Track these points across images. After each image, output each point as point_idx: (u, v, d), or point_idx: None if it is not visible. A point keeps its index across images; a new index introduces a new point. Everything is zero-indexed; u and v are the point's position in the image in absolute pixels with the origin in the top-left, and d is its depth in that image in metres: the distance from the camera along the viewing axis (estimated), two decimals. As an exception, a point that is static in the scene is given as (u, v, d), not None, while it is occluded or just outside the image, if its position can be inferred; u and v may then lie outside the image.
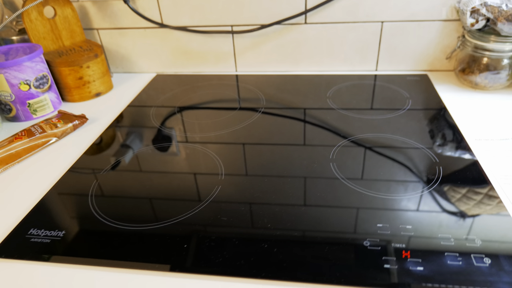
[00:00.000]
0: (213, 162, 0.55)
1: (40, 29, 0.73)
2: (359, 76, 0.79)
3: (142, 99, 0.75)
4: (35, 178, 0.55)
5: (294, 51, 0.80)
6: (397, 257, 0.39)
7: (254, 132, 0.62)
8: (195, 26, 0.80)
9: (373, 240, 0.41)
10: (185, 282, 0.38)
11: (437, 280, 0.36)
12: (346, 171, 0.51)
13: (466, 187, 0.47)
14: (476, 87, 0.71)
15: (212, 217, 0.45)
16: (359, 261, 0.38)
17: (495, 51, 0.66)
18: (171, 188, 0.50)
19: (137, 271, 0.39)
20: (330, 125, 0.62)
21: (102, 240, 0.43)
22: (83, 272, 0.40)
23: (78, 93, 0.75)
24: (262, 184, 0.50)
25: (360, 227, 0.43)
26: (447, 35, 0.74)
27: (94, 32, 0.83)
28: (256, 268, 0.38)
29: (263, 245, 0.41)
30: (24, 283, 0.39)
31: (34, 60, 0.67)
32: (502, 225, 0.42)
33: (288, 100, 0.71)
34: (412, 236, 0.41)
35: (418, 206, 0.45)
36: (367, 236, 0.41)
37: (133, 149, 0.59)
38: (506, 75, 0.67)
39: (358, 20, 0.75)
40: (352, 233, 0.42)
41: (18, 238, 0.44)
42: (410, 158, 0.53)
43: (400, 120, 0.62)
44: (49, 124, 0.63)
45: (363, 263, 0.38)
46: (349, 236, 0.41)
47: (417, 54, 0.77)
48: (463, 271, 0.37)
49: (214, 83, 0.81)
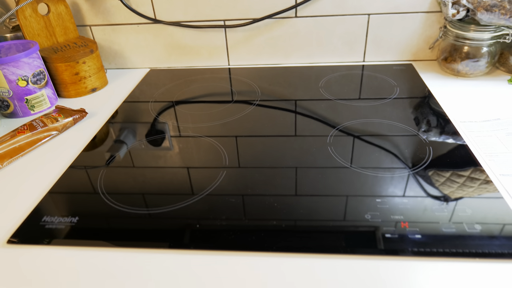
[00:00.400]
0: (214, 154, 0.57)
1: (35, 26, 0.73)
2: (347, 67, 0.82)
3: (138, 93, 0.77)
4: (40, 170, 0.56)
5: (285, 44, 0.83)
6: (397, 227, 0.42)
7: (247, 124, 0.64)
8: (188, 21, 0.82)
9: (373, 213, 0.44)
10: (184, 258, 0.40)
11: (434, 246, 0.39)
12: (342, 155, 0.54)
13: (454, 165, 0.51)
14: (458, 74, 0.75)
15: (206, 209, 0.46)
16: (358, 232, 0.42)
17: (475, 39, 0.70)
18: (164, 182, 0.51)
19: (146, 250, 0.41)
20: (322, 115, 0.65)
21: (112, 224, 0.45)
22: (98, 253, 0.41)
23: (74, 88, 0.76)
24: (255, 175, 0.51)
25: (356, 207, 0.46)
26: (429, 26, 0.78)
27: (87, 28, 0.84)
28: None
29: (255, 236, 0.43)
30: (44, 266, 0.40)
31: (31, 56, 0.67)
32: (488, 196, 0.45)
33: (280, 92, 0.74)
34: (409, 209, 0.44)
35: (407, 182, 0.48)
36: (368, 211, 0.44)
37: (132, 141, 0.61)
38: (485, 62, 0.72)
39: (345, 13, 0.78)
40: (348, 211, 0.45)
41: (32, 225, 0.45)
42: (403, 140, 0.57)
43: (391, 106, 0.66)
44: (50, 118, 0.64)
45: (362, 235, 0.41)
46: (349, 212, 0.44)
47: (402, 45, 0.81)
48: (457, 237, 0.40)
49: (207, 76, 0.83)
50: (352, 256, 0.39)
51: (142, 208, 0.47)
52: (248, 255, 0.40)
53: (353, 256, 0.39)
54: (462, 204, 0.44)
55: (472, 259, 0.38)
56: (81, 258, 0.41)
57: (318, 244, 0.41)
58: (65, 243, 0.43)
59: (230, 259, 0.40)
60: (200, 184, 0.50)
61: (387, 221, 0.43)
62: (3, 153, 0.57)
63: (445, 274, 0.37)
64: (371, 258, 0.39)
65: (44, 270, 0.40)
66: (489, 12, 0.66)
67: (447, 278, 0.37)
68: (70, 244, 0.43)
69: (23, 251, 0.42)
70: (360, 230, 0.42)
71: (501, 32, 0.69)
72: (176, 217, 0.45)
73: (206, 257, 0.40)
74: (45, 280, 0.39)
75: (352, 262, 0.39)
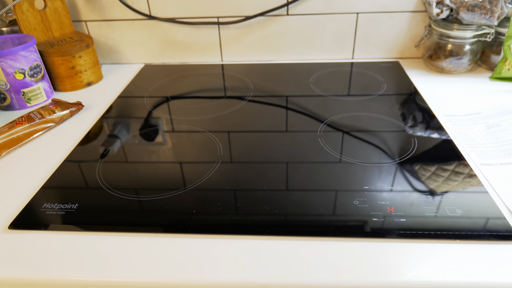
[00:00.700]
0: (208, 148, 0.59)
1: (31, 20, 0.74)
2: (337, 64, 0.85)
3: (132, 88, 0.78)
4: (38, 161, 0.57)
5: (277, 41, 0.86)
6: (383, 211, 0.44)
7: (239, 119, 0.65)
8: (183, 18, 0.83)
9: (361, 199, 0.46)
10: (182, 241, 0.42)
11: (418, 228, 0.42)
12: (332, 146, 0.57)
13: (438, 155, 0.54)
14: (442, 71, 0.78)
15: (198, 204, 0.47)
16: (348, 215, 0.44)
17: (458, 38, 0.73)
18: (157, 177, 0.52)
19: (143, 234, 0.43)
20: (312, 111, 0.68)
21: (110, 210, 0.47)
22: (99, 237, 0.43)
23: (70, 82, 0.77)
24: (247, 171, 0.52)
25: (344, 195, 0.48)
26: (415, 25, 0.82)
27: (82, 24, 0.85)
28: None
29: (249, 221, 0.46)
30: (46, 250, 0.42)
31: (29, 50, 0.68)
32: (469, 182, 0.48)
33: (271, 88, 0.76)
34: (395, 195, 0.47)
35: (396, 171, 0.51)
36: (356, 197, 0.47)
37: (126, 135, 0.63)
38: (467, 60, 0.75)
39: (335, 12, 0.81)
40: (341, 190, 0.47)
41: (33, 211, 0.47)
42: (390, 133, 0.59)
43: (379, 101, 0.69)
44: (47, 110, 0.65)
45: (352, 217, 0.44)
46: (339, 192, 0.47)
47: (389, 43, 0.85)
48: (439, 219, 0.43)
49: (201, 72, 0.85)
50: (341, 238, 0.42)
51: (140, 195, 0.49)
52: (243, 238, 0.42)
53: (341, 238, 0.42)
54: (448, 197, 0.47)
55: (453, 240, 0.41)
56: (83, 242, 0.43)
57: (308, 230, 0.43)
58: (65, 228, 0.44)
59: (226, 242, 0.42)
60: (193, 178, 0.52)
61: (374, 206, 0.45)
62: (1, 143, 0.58)
63: (428, 254, 0.40)
64: (359, 240, 0.42)
65: (46, 253, 0.41)
66: (471, 11, 0.69)
67: (430, 258, 0.39)
68: (70, 229, 0.44)
69: (24, 235, 0.44)
70: (349, 215, 0.44)
71: (483, 31, 0.72)
72: (174, 203, 0.47)
73: (203, 240, 0.42)
74: (47, 262, 0.40)
75: (341, 244, 0.41)
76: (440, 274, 0.37)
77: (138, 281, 0.39)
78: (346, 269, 0.38)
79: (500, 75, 0.73)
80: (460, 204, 0.45)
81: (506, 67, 0.72)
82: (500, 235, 0.41)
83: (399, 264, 0.39)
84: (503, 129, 0.58)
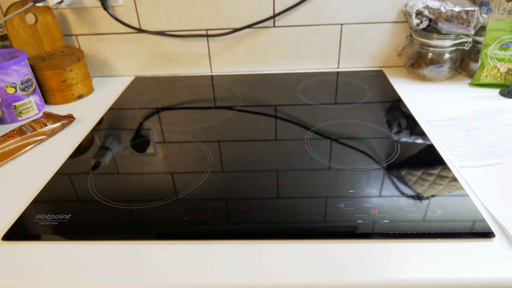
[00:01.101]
0: (198, 157, 0.61)
1: (22, 35, 0.76)
2: (323, 73, 0.88)
3: (123, 100, 0.80)
4: (30, 173, 0.58)
5: (264, 52, 0.88)
6: (367, 213, 0.46)
7: (229, 129, 0.67)
8: (172, 31, 0.85)
9: (347, 203, 0.48)
10: (170, 247, 0.43)
11: (401, 229, 0.44)
12: (319, 153, 0.59)
13: (419, 159, 0.56)
14: (424, 79, 0.81)
15: (190, 213, 0.48)
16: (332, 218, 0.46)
17: (438, 47, 0.76)
18: (148, 187, 0.53)
19: (134, 242, 0.44)
20: (300, 119, 0.70)
21: (102, 219, 0.48)
22: (92, 247, 0.44)
23: (61, 95, 0.78)
24: (237, 179, 0.54)
25: (332, 199, 0.50)
26: (397, 35, 0.85)
27: (73, 38, 0.87)
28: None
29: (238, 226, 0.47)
30: (39, 260, 0.43)
31: (20, 64, 0.70)
32: (449, 184, 0.51)
33: (260, 98, 0.78)
34: (379, 198, 0.49)
35: (380, 175, 0.53)
36: (342, 201, 0.49)
37: (117, 146, 0.64)
38: (447, 68, 0.78)
39: (320, 23, 0.84)
40: (329, 196, 0.49)
41: (26, 222, 0.48)
42: (374, 139, 0.62)
43: (364, 108, 0.71)
44: (39, 123, 0.66)
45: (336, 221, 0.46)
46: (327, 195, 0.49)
47: (372, 52, 0.87)
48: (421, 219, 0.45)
49: (191, 83, 0.87)
50: (327, 240, 0.43)
51: (131, 205, 0.50)
52: (229, 243, 0.44)
53: (327, 240, 0.43)
54: (429, 198, 0.49)
55: (434, 239, 0.43)
56: (77, 251, 0.44)
57: (296, 233, 0.45)
58: (59, 238, 0.45)
59: (211, 247, 0.43)
60: (183, 186, 0.53)
61: (358, 209, 0.47)
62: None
63: (410, 253, 0.41)
64: (344, 241, 0.43)
65: (40, 263, 0.42)
66: (449, 22, 0.72)
67: (413, 256, 0.41)
68: (64, 239, 0.45)
69: (18, 246, 0.45)
70: (335, 218, 0.46)
71: (461, 40, 0.75)
72: (165, 211, 0.49)
73: (191, 246, 0.44)
74: (42, 272, 0.41)
75: (331, 245, 0.43)
76: (423, 271, 0.39)
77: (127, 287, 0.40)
78: (331, 270, 0.40)
79: (479, 82, 0.76)
80: (441, 205, 0.47)
81: (484, 74, 0.75)
82: (478, 233, 0.43)
83: (383, 263, 0.40)
84: (481, 133, 0.60)
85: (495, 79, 0.75)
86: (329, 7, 0.82)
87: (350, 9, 0.82)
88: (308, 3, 0.81)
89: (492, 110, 0.65)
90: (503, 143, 0.57)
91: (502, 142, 0.57)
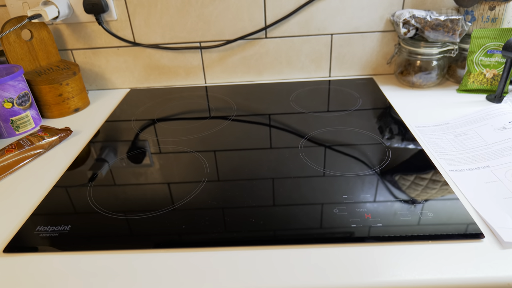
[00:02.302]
0: (195, 167, 0.62)
1: (18, 51, 0.77)
2: (315, 82, 0.89)
3: (119, 113, 0.81)
4: (29, 186, 0.59)
5: (257, 62, 0.90)
6: (361, 218, 0.48)
7: (224, 138, 0.68)
8: (166, 44, 0.87)
9: (341, 208, 0.50)
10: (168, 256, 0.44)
11: (394, 232, 0.45)
12: (313, 160, 0.60)
13: (410, 163, 0.58)
14: (413, 86, 0.83)
15: (187, 222, 0.50)
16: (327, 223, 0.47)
17: (426, 54, 0.79)
18: (145, 197, 0.54)
19: (131, 251, 0.45)
20: (294, 127, 0.71)
21: (102, 230, 0.49)
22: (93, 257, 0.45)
23: (57, 109, 0.79)
24: (234, 188, 0.55)
25: (327, 206, 0.51)
26: (386, 44, 0.87)
27: (68, 52, 0.88)
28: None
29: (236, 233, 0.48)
30: (41, 272, 0.44)
31: (17, 79, 0.71)
32: (439, 187, 0.52)
33: (254, 107, 0.79)
34: (373, 203, 0.50)
35: (372, 180, 0.55)
36: (336, 206, 0.50)
37: (114, 158, 0.65)
38: (436, 74, 0.81)
39: (311, 34, 0.86)
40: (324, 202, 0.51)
41: (27, 235, 0.48)
42: (366, 145, 0.63)
43: (355, 115, 0.73)
44: (36, 137, 0.67)
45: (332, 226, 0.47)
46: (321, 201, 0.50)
47: (362, 61, 0.90)
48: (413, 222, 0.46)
49: (185, 94, 0.88)
50: (323, 245, 0.45)
51: (129, 214, 0.51)
52: (230, 250, 0.45)
53: (323, 245, 0.45)
54: (421, 202, 0.51)
55: (426, 241, 0.44)
56: (78, 262, 0.44)
57: (292, 238, 0.46)
58: (60, 249, 0.46)
59: (211, 255, 0.44)
60: (180, 196, 0.54)
61: (352, 213, 0.48)
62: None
63: (403, 255, 0.43)
64: (339, 245, 0.45)
65: (40, 275, 0.43)
66: (435, 30, 0.74)
67: (405, 258, 0.42)
68: (65, 249, 0.46)
69: (20, 259, 0.45)
70: (329, 223, 0.47)
71: (447, 47, 0.78)
72: (163, 221, 0.50)
73: (189, 254, 0.45)
74: (44, 284, 0.42)
75: (327, 250, 0.44)
76: (415, 272, 0.40)
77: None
78: (326, 274, 0.41)
79: (466, 88, 0.79)
80: (432, 208, 0.49)
81: (471, 80, 0.77)
82: (468, 234, 0.44)
83: (377, 266, 0.42)
84: (470, 137, 0.62)
85: (482, 85, 0.77)
86: (319, 17, 0.84)
87: (339, 19, 0.84)
88: (298, 14, 0.84)
89: (480, 114, 0.67)
90: (490, 147, 0.59)
91: (490, 146, 0.59)
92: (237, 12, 0.83)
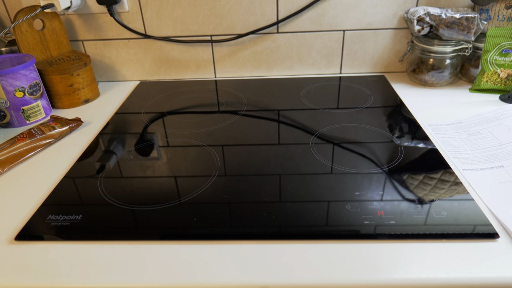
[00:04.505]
0: (203, 161, 0.62)
1: (30, 41, 0.77)
2: (326, 78, 0.89)
3: (128, 105, 0.81)
4: (39, 175, 0.59)
5: (268, 57, 0.89)
6: (374, 215, 0.47)
7: (233, 134, 0.68)
8: (177, 37, 0.87)
9: (353, 204, 0.49)
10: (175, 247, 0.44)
11: (407, 230, 0.45)
12: (324, 155, 0.60)
13: (423, 162, 0.57)
14: (425, 84, 0.83)
15: (193, 217, 0.50)
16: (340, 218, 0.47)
17: (439, 53, 0.78)
18: (157, 190, 0.54)
19: (143, 242, 0.45)
20: (303, 124, 0.71)
21: (113, 220, 0.48)
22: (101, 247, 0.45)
23: (68, 99, 0.79)
24: (240, 183, 0.55)
25: (338, 201, 0.51)
26: (398, 41, 0.86)
27: (79, 43, 0.88)
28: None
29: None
30: (52, 260, 0.44)
31: (28, 68, 0.71)
32: (453, 186, 0.52)
33: (264, 102, 0.79)
34: (386, 201, 0.50)
35: (385, 178, 0.54)
36: (349, 203, 0.50)
37: (123, 150, 0.65)
38: (448, 73, 0.80)
39: (323, 29, 0.85)
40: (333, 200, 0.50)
41: (38, 223, 0.48)
42: (378, 142, 0.63)
43: (366, 113, 0.72)
44: (47, 127, 0.67)
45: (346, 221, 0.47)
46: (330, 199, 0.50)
47: (374, 58, 0.89)
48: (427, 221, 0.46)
49: (195, 88, 0.88)
50: (335, 240, 0.44)
51: (141, 206, 0.51)
52: (233, 243, 0.45)
53: (336, 240, 0.44)
54: (439, 204, 0.50)
55: (440, 240, 0.44)
56: (88, 251, 0.44)
57: (304, 233, 0.45)
58: (71, 238, 0.46)
59: (215, 247, 0.44)
60: (189, 190, 0.54)
61: (365, 210, 0.48)
62: (4, 159, 0.60)
63: (417, 253, 0.42)
64: (352, 242, 0.44)
65: (53, 262, 0.43)
66: (449, 28, 0.74)
67: (419, 257, 0.42)
68: (76, 238, 0.46)
69: (31, 246, 0.45)
70: (343, 219, 0.47)
71: (461, 46, 0.77)
72: (173, 213, 0.49)
73: (196, 246, 0.44)
74: (55, 271, 0.42)
75: (338, 246, 0.44)
76: (428, 271, 0.40)
77: (138, 285, 0.40)
78: (338, 270, 0.41)
79: (479, 87, 0.78)
80: (445, 207, 0.48)
81: (484, 80, 0.77)
82: (482, 234, 0.44)
83: (390, 263, 0.41)
84: (483, 137, 0.62)
85: (495, 85, 0.76)
86: (332, 13, 0.83)
87: (352, 15, 0.83)
88: (311, 9, 0.83)
89: (493, 114, 0.67)
90: (504, 147, 0.58)
91: (504, 146, 0.58)
92: (249, 6, 0.83)
